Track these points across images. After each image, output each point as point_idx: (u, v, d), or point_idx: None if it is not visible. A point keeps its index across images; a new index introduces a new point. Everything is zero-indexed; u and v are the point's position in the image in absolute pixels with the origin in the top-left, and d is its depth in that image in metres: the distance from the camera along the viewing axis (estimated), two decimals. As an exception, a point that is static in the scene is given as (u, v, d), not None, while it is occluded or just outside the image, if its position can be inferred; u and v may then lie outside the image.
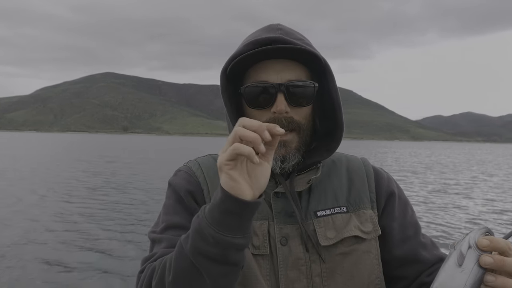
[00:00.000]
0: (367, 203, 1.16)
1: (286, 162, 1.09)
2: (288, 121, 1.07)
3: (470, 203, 14.18)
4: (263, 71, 1.09)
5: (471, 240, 0.79)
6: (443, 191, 17.33)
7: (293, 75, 1.08)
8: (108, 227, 9.23)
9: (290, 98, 1.07)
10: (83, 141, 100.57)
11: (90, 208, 11.41)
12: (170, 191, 1.18)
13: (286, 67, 1.08)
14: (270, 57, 1.08)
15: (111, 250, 7.40)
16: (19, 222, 9.67)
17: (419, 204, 13.38)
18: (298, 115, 1.09)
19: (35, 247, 7.49)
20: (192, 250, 0.87)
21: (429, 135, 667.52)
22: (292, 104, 1.07)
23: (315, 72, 1.13)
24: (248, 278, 1.04)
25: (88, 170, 22.74)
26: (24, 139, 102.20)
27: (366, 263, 1.10)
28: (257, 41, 1.07)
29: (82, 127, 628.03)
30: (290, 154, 1.09)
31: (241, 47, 1.10)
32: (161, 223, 1.14)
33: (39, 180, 17.47)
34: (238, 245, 0.86)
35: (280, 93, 1.06)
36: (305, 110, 1.10)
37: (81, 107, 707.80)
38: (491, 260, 0.77)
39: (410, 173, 26.17)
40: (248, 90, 1.09)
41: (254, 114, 1.10)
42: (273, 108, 1.06)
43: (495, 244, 0.78)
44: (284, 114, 1.06)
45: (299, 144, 1.10)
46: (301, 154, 1.11)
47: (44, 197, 13.20)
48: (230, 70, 1.10)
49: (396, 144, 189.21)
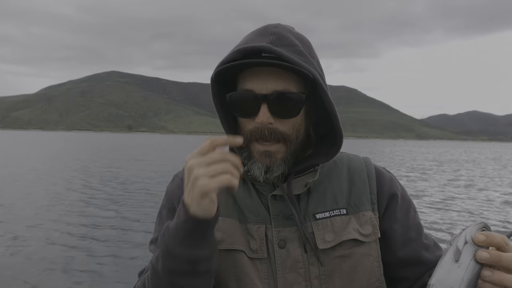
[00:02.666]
0: (368, 204, 1.14)
1: (270, 172, 1.07)
2: (271, 132, 1.04)
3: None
4: (249, 80, 1.07)
5: (468, 236, 0.79)
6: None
7: (280, 85, 1.04)
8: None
9: (274, 109, 1.04)
10: (106, 140, 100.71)
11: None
12: (165, 200, 1.20)
13: (274, 76, 1.04)
14: (258, 65, 1.05)
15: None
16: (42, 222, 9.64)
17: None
18: (284, 126, 1.06)
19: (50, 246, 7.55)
20: (164, 271, 0.91)
21: (434, 134, 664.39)
22: (276, 116, 1.05)
23: (308, 79, 1.05)
24: (244, 283, 1.05)
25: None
26: (30, 137, 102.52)
27: (365, 266, 1.09)
28: (245, 49, 1.04)
29: (87, 126, 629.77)
30: (274, 165, 1.07)
31: (229, 54, 1.07)
32: (154, 233, 1.16)
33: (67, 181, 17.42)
34: (206, 257, 0.90)
35: (263, 104, 1.03)
36: (292, 121, 1.07)
37: (86, 106, 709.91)
38: (488, 255, 0.77)
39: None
40: (233, 98, 1.09)
41: (241, 121, 1.10)
42: (256, 119, 1.04)
43: (492, 239, 0.78)
44: (268, 126, 1.04)
45: (285, 155, 1.08)
46: (288, 165, 1.09)
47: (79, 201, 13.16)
48: (221, 75, 1.09)
49: (401, 143, 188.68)
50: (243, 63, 1.02)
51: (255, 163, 1.07)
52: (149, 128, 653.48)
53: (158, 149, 54.92)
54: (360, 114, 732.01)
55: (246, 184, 1.15)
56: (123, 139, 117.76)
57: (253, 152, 1.07)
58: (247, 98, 1.06)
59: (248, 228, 1.10)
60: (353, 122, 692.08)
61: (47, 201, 12.24)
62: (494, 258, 0.77)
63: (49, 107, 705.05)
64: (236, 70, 1.08)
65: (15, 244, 7.83)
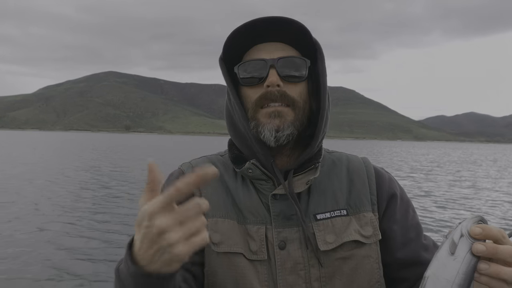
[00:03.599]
0: (368, 205, 1.13)
1: (280, 131, 1.06)
2: (281, 93, 1.06)
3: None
4: (256, 53, 1.10)
5: (464, 229, 0.78)
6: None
7: (285, 53, 1.09)
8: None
9: (282, 72, 1.06)
10: (105, 140, 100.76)
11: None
12: None
13: (279, 48, 1.09)
14: (263, 40, 1.09)
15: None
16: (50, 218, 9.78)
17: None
18: (292, 91, 1.08)
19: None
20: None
21: (432, 135, 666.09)
22: (284, 79, 1.07)
23: (307, 55, 1.12)
24: (242, 287, 1.03)
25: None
26: (28, 137, 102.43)
27: (365, 267, 1.08)
28: (250, 23, 1.07)
29: (85, 126, 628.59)
30: (284, 125, 1.06)
31: (234, 30, 1.09)
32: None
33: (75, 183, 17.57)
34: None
35: (272, 68, 1.06)
36: (298, 87, 1.09)
37: (84, 106, 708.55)
38: (484, 248, 0.76)
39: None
40: (242, 68, 1.10)
41: (248, 92, 1.11)
42: (265, 82, 1.06)
43: (488, 232, 0.77)
44: (277, 88, 1.06)
45: (294, 120, 1.08)
46: (296, 129, 1.08)
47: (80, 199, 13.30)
48: (228, 59, 1.12)
49: (399, 144, 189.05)
50: (258, 25, 1.06)
51: (265, 125, 1.06)
52: (147, 129, 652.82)
53: (162, 149, 54.98)
54: (358, 115, 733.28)
55: (246, 183, 1.14)
56: (121, 139, 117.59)
57: (261, 117, 1.07)
58: (256, 65, 1.08)
59: (248, 229, 1.08)
60: (350, 123, 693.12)
61: (67, 199, 12.38)
62: (491, 250, 0.76)
63: (47, 107, 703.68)
64: (244, 47, 1.11)
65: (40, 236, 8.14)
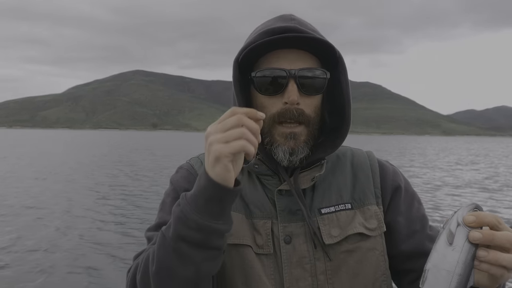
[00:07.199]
0: (372, 198, 1.14)
1: (295, 155, 1.06)
2: (299, 113, 1.05)
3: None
4: (275, 60, 1.07)
5: (459, 218, 0.78)
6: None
7: (305, 64, 1.06)
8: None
9: (302, 85, 1.05)
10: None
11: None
12: (170, 189, 1.19)
13: (299, 57, 1.07)
14: (283, 47, 1.06)
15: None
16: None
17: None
18: (308, 107, 1.07)
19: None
20: (175, 237, 0.87)
21: (461, 129, 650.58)
22: (303, 92, 1.05)
23: (328, 64, 1.11)
24: (251, 278, 1.04)
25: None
26: (69, 136, 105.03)
27: (371, 260, 1.09)
28: (271, 30, 1.05)
29: (113, 124, 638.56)
30: (299, 147, 1.07)
31: (254, 36, 1.08)
32: (155, 220, 1.14)
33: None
34: (220, 231, 0.88)
35: (291, 79, 1.04)
36: (315, 101, 1.09)
37: (112, 105, 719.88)
38: (480, 235, 0.76)
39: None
40: (260, 75, 1.07)
41: (265, 102, 1.09)
42: (284, 98, 1.05)
43: (482, 219, 0.77)
44: (295, 106, 1.05)
45: (307, 138, 1.08)
46: (309, 147, 1.09)
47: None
48: (241, 61, 1.10)
49: (427, 139, 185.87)
50: (280, 38, 1.02)
51: (280, 146, 1.06)
52: (173, 126, 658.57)
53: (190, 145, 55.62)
54: (385, 110, 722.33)
55: (252, 178, 1.15)
56: (148, 136, 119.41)
57: (276, 135, 1.07)
58: (275, 74, 1.05)
59: (254, 224, 1.09)
60: (377, 118, 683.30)
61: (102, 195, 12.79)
62: (487, 237, 0.76)
63: (76, 106, 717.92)
64: (261, 52, 1.08)
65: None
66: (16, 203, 11.26)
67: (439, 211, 11.08)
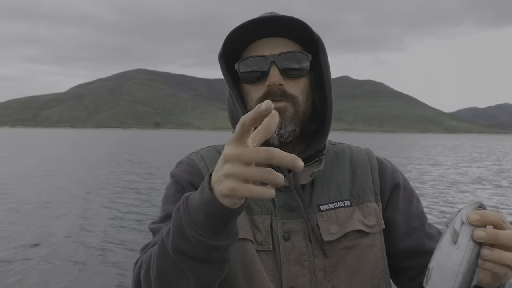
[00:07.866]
0: (371, 196, 1.14)
1: (283, 128, 1.05)
2: (281, 91, 1.05)
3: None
4: (256, 49, 1.09)
5: (464, 216, 0.77)
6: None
7: (286, 49, 1.08)
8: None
9: (284, 69, 1.06)
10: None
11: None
12: (171, 182, 1.17)
13: (280, 43, 1.08)
14: (263, 36, 1.08)
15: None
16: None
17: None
18: (293, 88, 1.08)
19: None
20: (173, 249, 0.82)
21: (463, 127, 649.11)
22: (286, 76, 1.06)
23: (309, 50, 1.12)
24: (252, 273, 1.04)
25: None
26: (64, 135, 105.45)
27: (369, 257, 1.09)
28: (249, 21, 1.06)
29: (115, 123, 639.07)
30: (286, 122, 1.06)
31: (234, 29, 1.07)
32: (160, 213, 1.12)
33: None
34: (222, 247, 0.80)
35: (273, 65, 1.05)
36: (300, 83, 1.09)
37: (114, 104, 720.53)
38: (484, 234, 0.76)
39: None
40: (242, 64, 1.09)
41: (249, 90, 1.10)
42: (267, 81, 1.06)
43: (486, 218, 0.77)
44: (278, 86, 1.05)
45: (294, 115, 1.08)
46: (297, 125, 1.08)
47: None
48: (228, 57, 1.11)
49: (429, 137, 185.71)
50: (259, 22, 1.05)
51: None
52: (176, 125, 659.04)
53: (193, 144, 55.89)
54: (387, 108, 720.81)
55: None
56: (151, 135, 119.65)
57: None
58: (257, 61, 1.07)
59: (254, 220, 1.08)
60: (379, 116, 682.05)
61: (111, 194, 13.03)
62: (491, 236, 0.76)
63: (78, 105, 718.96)
64: (244, 44, 1.10)
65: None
66: (48, 199, 11.81)
67: (453, 207, 11.25)
